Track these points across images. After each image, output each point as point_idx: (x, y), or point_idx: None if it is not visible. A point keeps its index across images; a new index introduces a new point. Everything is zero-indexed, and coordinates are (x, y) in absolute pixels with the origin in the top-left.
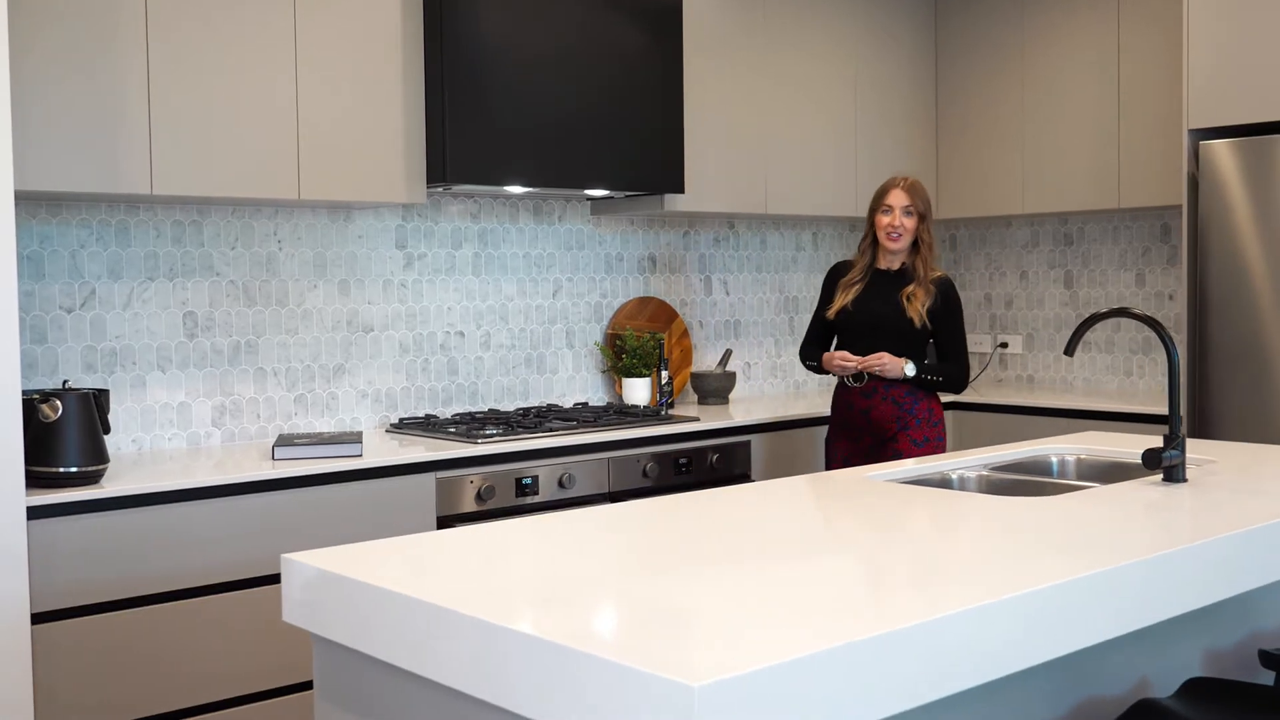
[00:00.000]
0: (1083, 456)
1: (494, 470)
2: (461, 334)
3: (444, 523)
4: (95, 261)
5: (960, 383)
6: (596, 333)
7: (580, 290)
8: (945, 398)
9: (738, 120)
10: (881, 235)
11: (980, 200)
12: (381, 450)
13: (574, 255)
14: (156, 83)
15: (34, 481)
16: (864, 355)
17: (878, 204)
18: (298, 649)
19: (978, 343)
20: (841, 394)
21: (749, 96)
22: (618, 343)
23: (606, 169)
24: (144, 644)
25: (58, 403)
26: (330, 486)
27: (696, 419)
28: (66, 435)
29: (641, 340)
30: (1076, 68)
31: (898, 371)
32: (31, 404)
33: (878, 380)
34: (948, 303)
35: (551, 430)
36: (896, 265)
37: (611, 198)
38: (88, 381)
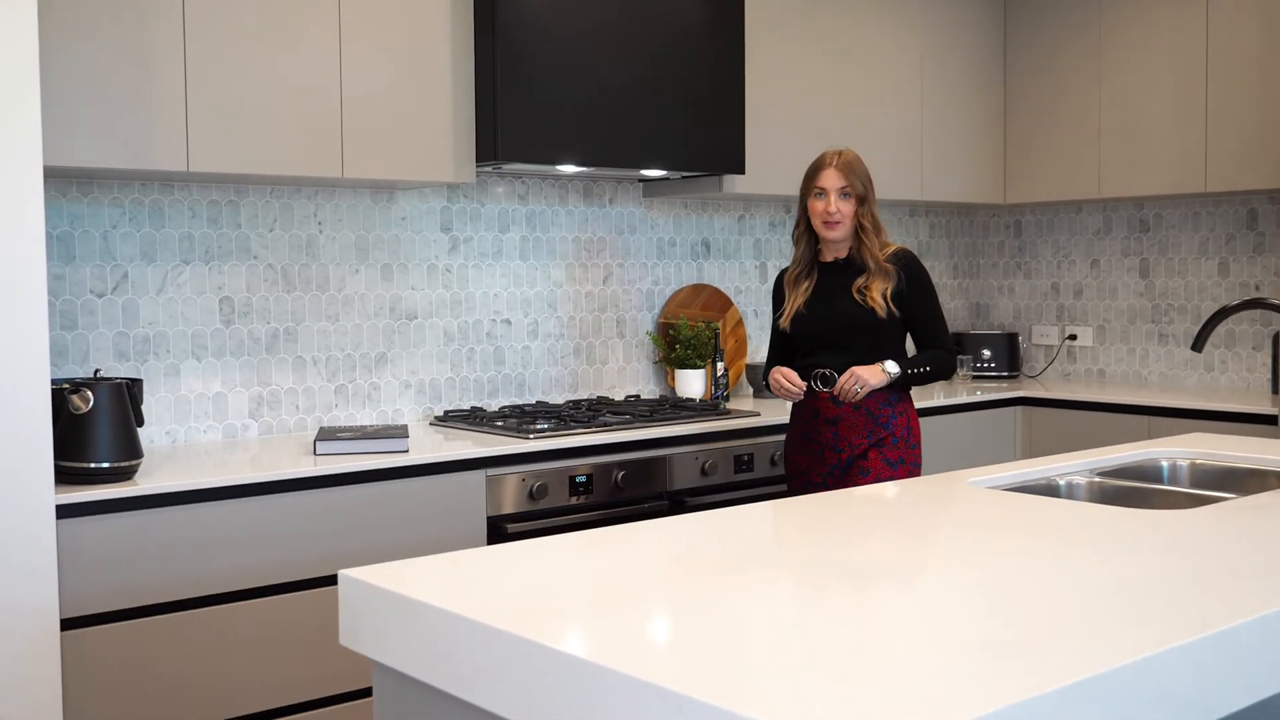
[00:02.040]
0: (1197, 461)
1: (546, 467)
2: (508, 322)
3: (494, 524)
4: (128, 243)
5: (950, 366)
6: (648, 321)
7: (632, 276)
8: (999, 393)
9: (799, 99)
10: (816, 223)
11: (1051, 184)
12: (427, 445)
13: (625, 240)
14: (193, 53)
15: (63, 478)
16: (828, 364)
17: (809, 187)
18: (341, 658)
19: (1044, 335)
20: (806, 400)
21: (811, 74)
22: (671, 332)
23: (664, 148)
24: (179, 652)
25: (89, 393)
26: (375, 484)
27: (757, 414)
28: (98, 428)
29: (696, 330)
30: (1160, 44)
31: (879, 378)
32: (61, 394)
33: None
34: (913, 279)
35: (606, 425)
36: (844, 253)
37: (667, 179)
38: (119, 370)
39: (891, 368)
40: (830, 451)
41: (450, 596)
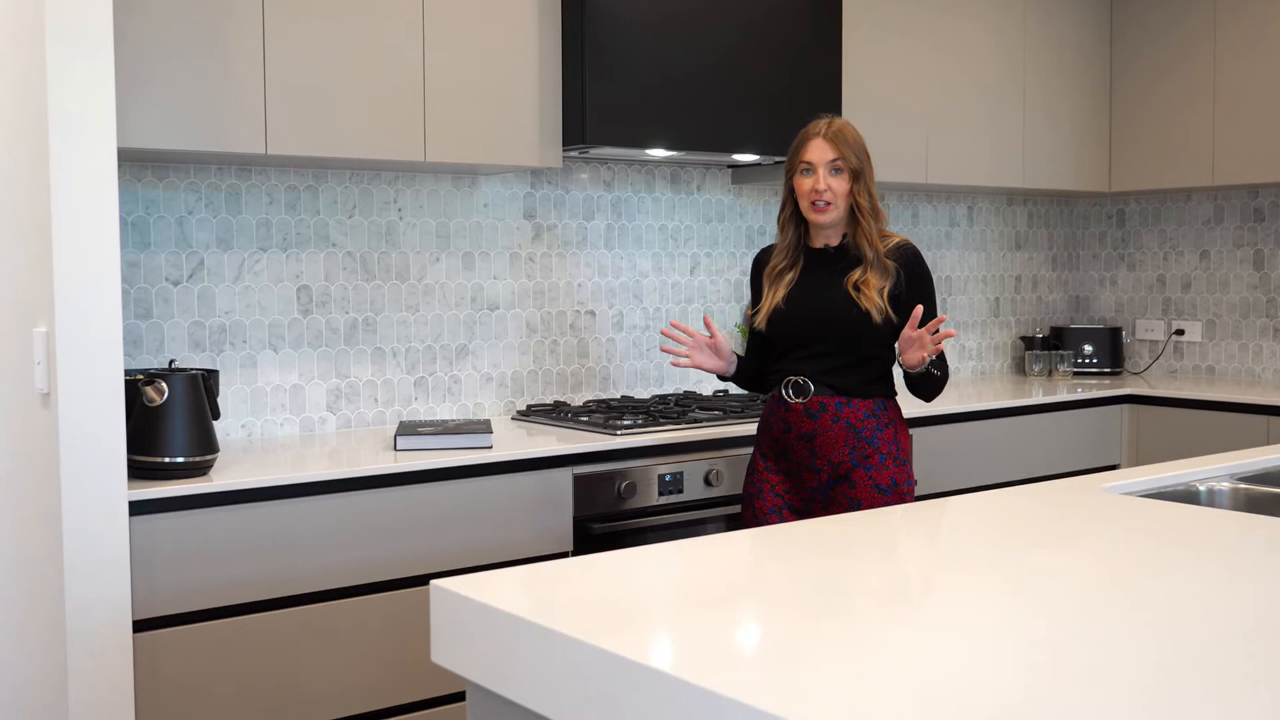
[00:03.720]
0: None
1: (635, 465)
2: (592, 313)
3: (581, 524)
4: (204, 229)
5: (943, 385)
6: (736, 313)
7: (719, 267)
8: (1103, 390)
9: (897, 81)
10: (804, 205)
11: (1159, 172)
12: (511, 441)
13: (713, 228)
14: (272, 32)
15: (135, 472)
16: (804, 371)
17: (795, 162)
18: (423, 663)
19: (1149, 329)
20: (776, 410)
21: (910, 56)
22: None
23: (757, 132)
24: (255, 656)
25: (164, 385)
26: (457, 482)
27: None
28: (173, 421)
29: None
30: None
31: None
32: (135, 386)
33: (825, 395)
34: (915, 281)
35: (696, 421)
36: (836, 240)
37: (759, 164)
38: (194, 361)
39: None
40: (808, 472)
41: (549, 610)
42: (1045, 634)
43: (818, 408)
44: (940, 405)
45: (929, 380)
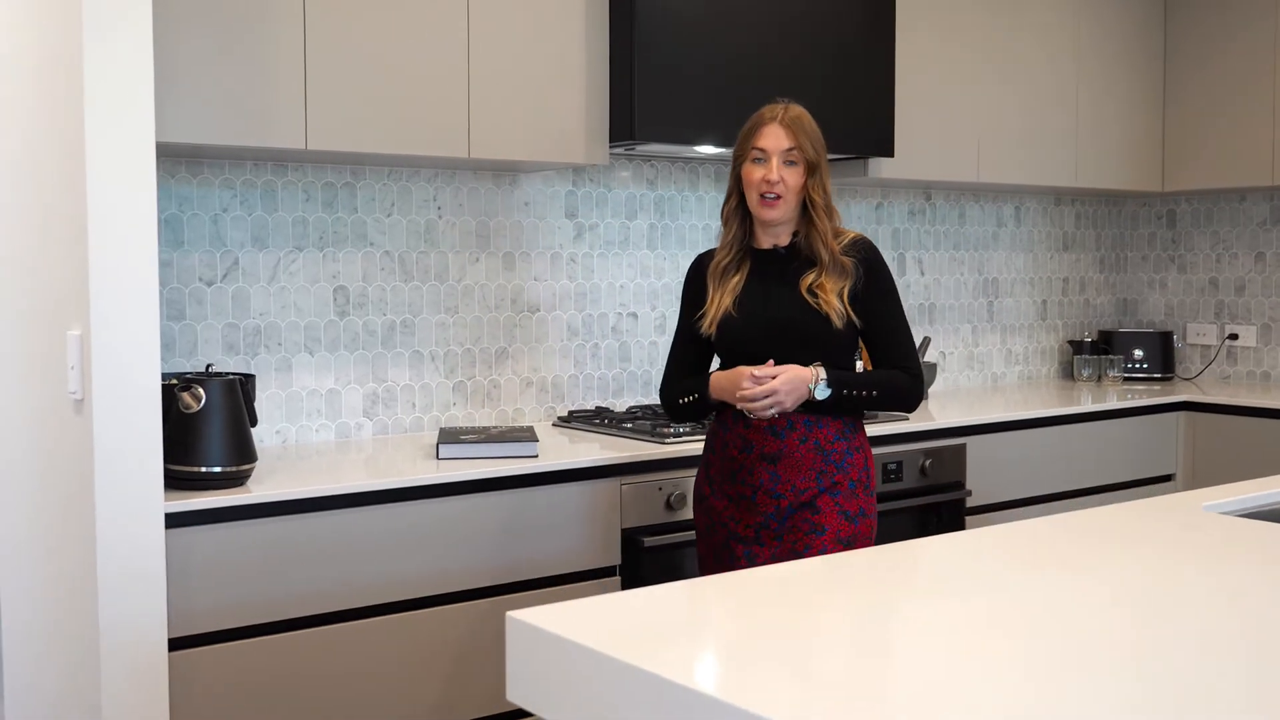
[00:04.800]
0: None
1: (683, 475)
2: (635, 315)
3: (629, 536)
4: (238, 227)
5: (912, 395)
6: None
7: None
8: (1158, 397)
9: (949, 77)
10: (751, 197)
11: (1215, 171)
12: (555, 450)
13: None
14: (313, 24)
15: (170, 483)
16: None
17: (745, 148)
18: (469, 681)
19: (1201, 333)
20: (733, 426)
21: (962, 52)
22: None
23: None
24: (296, 674)
25: (200, 391)
26: (501, 493)
27: (905, 417)
28: (209, 429)
29: None
30: None
31: (804, 395)
32: (170, 391)
33: (794, 411)
34: (873, 276)
35: None
36: (786, 240)
37: None
38: (228, 365)
39: (820, 387)
40: (766, 497)
41: (645, 647)
42: (1192, 667)
43: (785, 426)
44: (990, 413)
45: (851, 406)
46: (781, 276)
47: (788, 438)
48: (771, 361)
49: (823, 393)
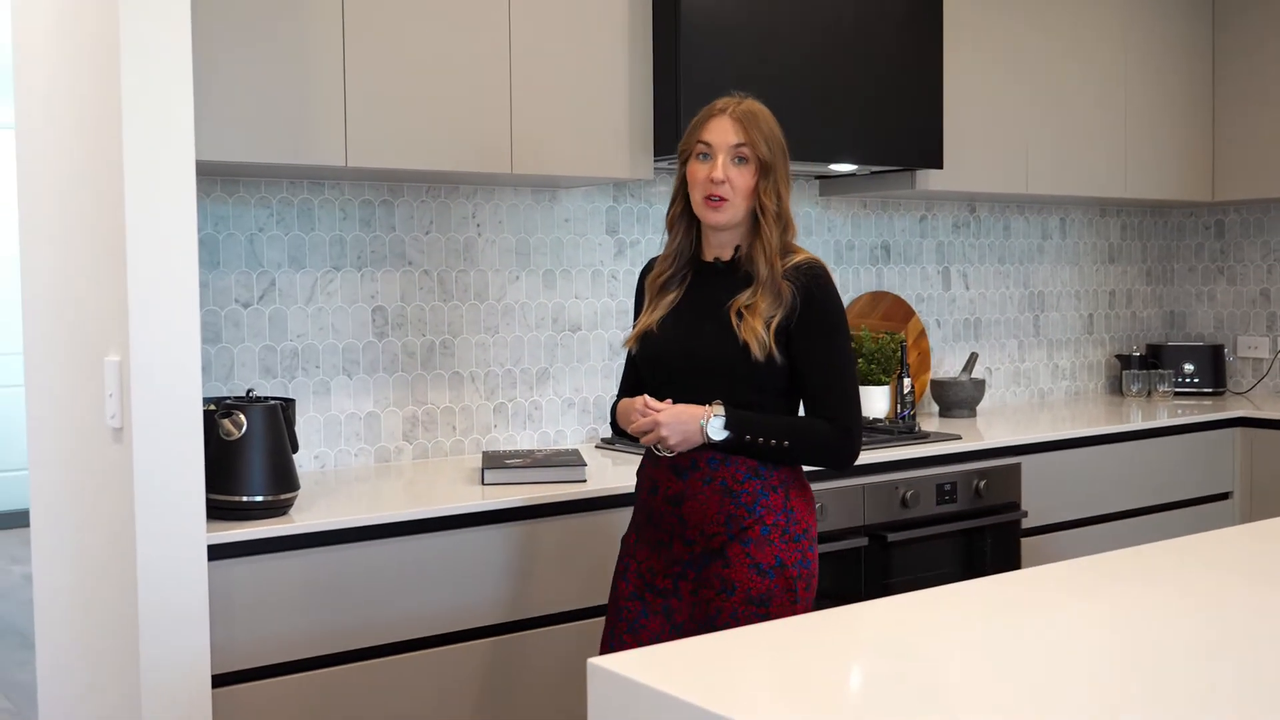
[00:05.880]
0: None
1: None
2: None
3: None
4: (275, 247)
5: (838, 451)
6: None
7: None
8: (1212, 413)
9: (997, 88)
10: (695, 197)
11: (1267, 180)
12: (600, 474)
13: (800, 242)
14: (353, 40)
15: (210, 513)
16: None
17: (690, 143)
18: (521, 716)
19: (1252, 346)
20: (645, 464)
21: (1010, 62)
22: (852, 345)
23: (856, 141)
24: (342, 711)
25: (241, 418)
26: (547, 520)
27: (958, 436)
28: (251, 457)
29: (880, 342)
30: None
31: (695, 434)
32: (210, 418)
33: (696, 449)
34: (812, 309)
35: None
36: (728, 253)
37: (852, 175)
38: (265, 388)
39: (714, 427)
40: (680, 543)
41: (741, 699)
42: None
43: (687, 465)
44: (1039, 430)
45: (753, 453)
46: (716, 293)
47: (690, 478)
48: (646, 400)
49: (718, 433)
